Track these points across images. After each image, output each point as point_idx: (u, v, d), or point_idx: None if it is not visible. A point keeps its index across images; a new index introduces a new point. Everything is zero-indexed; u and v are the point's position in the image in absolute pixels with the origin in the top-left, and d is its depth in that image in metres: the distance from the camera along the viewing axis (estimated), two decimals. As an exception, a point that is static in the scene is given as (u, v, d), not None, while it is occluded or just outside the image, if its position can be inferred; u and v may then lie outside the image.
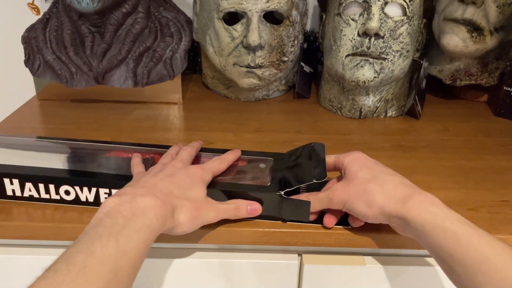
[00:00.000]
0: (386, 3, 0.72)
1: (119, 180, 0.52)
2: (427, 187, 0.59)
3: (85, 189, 0.52)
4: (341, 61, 0.75)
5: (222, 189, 0.51)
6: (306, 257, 0.53)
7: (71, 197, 0.53)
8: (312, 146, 0.56)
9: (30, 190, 0.53)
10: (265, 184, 0.52)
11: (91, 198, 0.53)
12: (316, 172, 0.50)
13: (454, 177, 0.62)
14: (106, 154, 0.59)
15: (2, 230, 0.51)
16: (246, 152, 0.59)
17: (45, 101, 0.85)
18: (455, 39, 0.77)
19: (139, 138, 0.71)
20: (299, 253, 0.54)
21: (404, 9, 0.73)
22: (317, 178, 0.49)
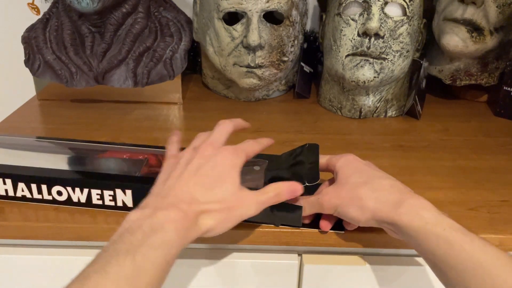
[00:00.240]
0: (386, 3, 0.72)
1: (111, 181, 0.51)
2: (427, 187, 0.59)
3: (77, 190, 0.52)
4: (341, 61, 0.75)
5: None
6: (306, 257, 0.53)
7: (64, 198, 0.52)
8: (307, 148, 0.55)
9: (23, 190, 0.53)
10: (258, 187, 0.50)
11: (83, 199, 0.52)
12: (309, 175, 0.50)
13: (454, 177, 0.62)
14: (101, 155, 0.59)
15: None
16: None
17: (45, 101, 0.85)
18: (455, 39, 0.77)
19: (139, 138, 0.71)
20: (299, 253, 0.54)
21: (404, 9, 0.73)
22: (310, 181, 0.49)
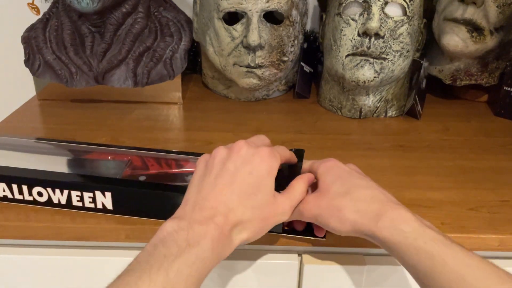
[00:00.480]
0: (386, 3, 0.72)
1: (91, 182, 0.51)
2: (427, 187, 0.60)
3: (57, 191, 0.51)
4: (341, 61, 0.75)
5: None
6: (306, 257, 0.53)
7: (44, 199, 0.52)
8: (293, 153, 0.53)
9: (4, 191, 0.52)
10: None
11: (63, 201, 0.52)
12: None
13: (454, 177, 0.62)
14: (86, 156, 0.59)
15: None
16: None
17: (45, 101, 0.85)
18: (455, 39, 0.77)
19: (139, 138, 0.71)
20: (299, 253, 0.54)
21: (404, 9, 0.73)
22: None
